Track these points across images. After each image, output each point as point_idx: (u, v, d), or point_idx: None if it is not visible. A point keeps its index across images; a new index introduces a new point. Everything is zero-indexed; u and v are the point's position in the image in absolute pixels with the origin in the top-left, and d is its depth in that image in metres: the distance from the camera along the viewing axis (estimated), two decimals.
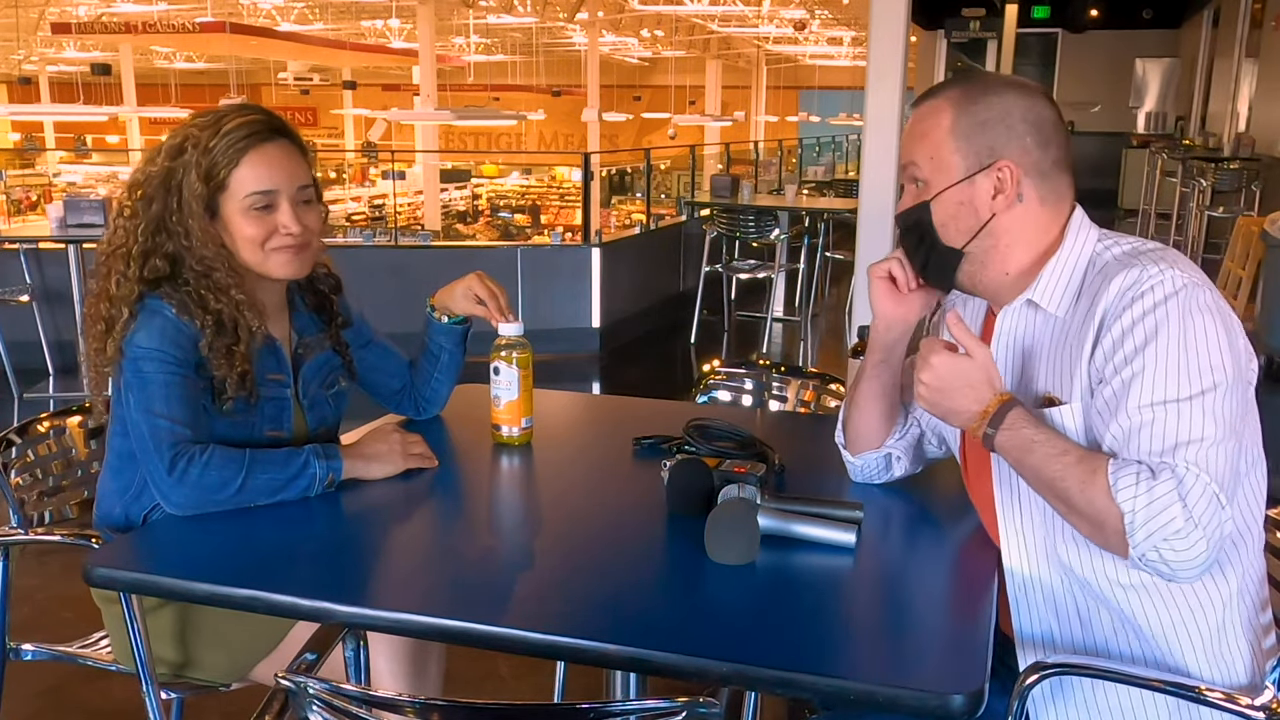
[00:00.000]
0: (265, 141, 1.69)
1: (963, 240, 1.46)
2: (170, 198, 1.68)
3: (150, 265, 1.68)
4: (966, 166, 1.44)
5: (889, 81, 5.32)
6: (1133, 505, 1.25)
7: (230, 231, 1.70)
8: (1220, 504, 1.25)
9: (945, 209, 1.46)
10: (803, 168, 12.48)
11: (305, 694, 1.13)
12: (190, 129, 1.69)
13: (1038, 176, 1.43)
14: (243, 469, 1.59)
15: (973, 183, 1.44)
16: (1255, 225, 6.78)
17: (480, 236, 12.83)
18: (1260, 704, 1.31)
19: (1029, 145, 1.42)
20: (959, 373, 1.40)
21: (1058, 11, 14.63)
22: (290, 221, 1.70)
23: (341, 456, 1.67)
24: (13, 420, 2.03)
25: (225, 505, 1.58)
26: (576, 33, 18.45)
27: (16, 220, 9.74)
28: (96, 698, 2.66)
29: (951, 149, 1.44)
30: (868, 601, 1.41)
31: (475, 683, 2.69)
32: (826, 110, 21.90)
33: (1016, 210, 1.44)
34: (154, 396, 1.62)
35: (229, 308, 1.68)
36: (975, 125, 1.43)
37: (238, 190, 1.68)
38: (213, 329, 1.66)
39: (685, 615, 1.32)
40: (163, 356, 1.63)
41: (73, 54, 18.93)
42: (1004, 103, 1.43)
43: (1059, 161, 1.44)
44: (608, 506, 1.70)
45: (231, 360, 1.67)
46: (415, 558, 1.55)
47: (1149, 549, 1.25)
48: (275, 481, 1.61)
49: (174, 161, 1.68)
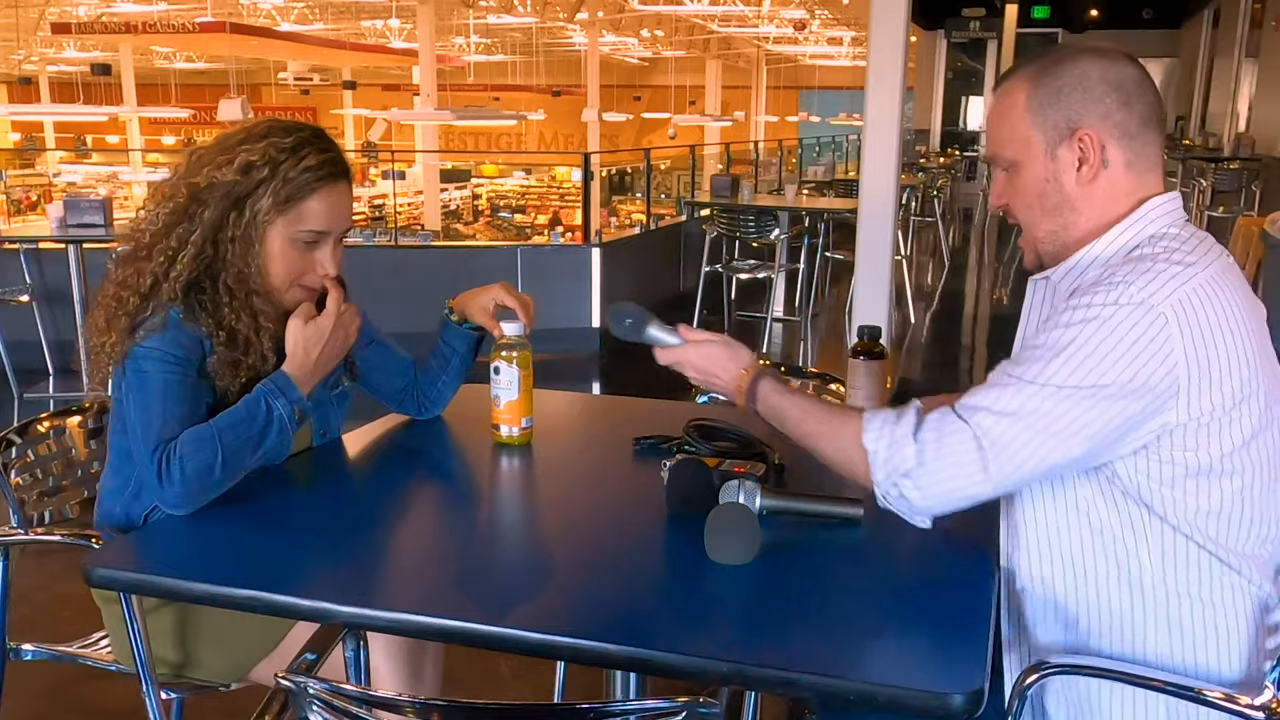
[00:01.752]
0: (337, 182, 1.71)
1: (1051, 221, 1.42)
2: (231, 211, 1.66)
3: (190, 271, 1.66)
4: (1046, 140, 1.39)
5: (889, 81, 5.32)
6: (875, 445, 1.35)
7: (269, 255, 1.69)
8: (978, 463, 1.29)
9: (1032, 190, 1.42)
10: (803, 168, 12.48)
11: (305, 694, 1.13)
12: (269, 147, 1.66)
13: (1124, 139, 1.37)
14: (215, 442, 1.57)
15: (1055, 157, 1.39)
16: (1255, 225, 6.78)
17: (480, 236, 12.83)
18: (1260, 704, 1.31)
19: (1110, 107, 1.36)
20: (707, 359, 1.57)
21: (1058, 11, 14.64)
22: (329, 264, 1.73)
23: (294, 383, 1.66)
24: (13, 420, 2.03)
25: (220, 487, 1.58)
26: (576, 33, 18.46)
27: (16, 220, 9.76)
28: (96, 698, 2.66)
29: (1029, 124, 1.40)
30: (868, 601, 1.40)
31: (475, 683, 2.69)
32: (826, 110, 21.92)
33: (1100, 178, 1.39)
34: (152, 395, 1.61)
35: (248, 330, 1.68)
36: (1051, 95, 1.38)
37: (297, 223, 1.68)
38: (224, 344, 1.66)
39: (685, 615, 1.32)
40: (164, 356, 1.62)
41: (73, 54, 18.94)
42: (1079, 68, 1.37)
43: (1146, 120, 1.38)
44: (608, 506, 1.70)
45: (236, 373, 1.67)
46: (415, 558, 1.55)
47: (889, 486, 1.35)
48: (249, 438, 1.61)
49: (245, 176, 1.65)
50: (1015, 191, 1.44)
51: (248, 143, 1.67)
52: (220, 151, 1.68)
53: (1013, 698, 1.35)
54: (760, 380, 1.51)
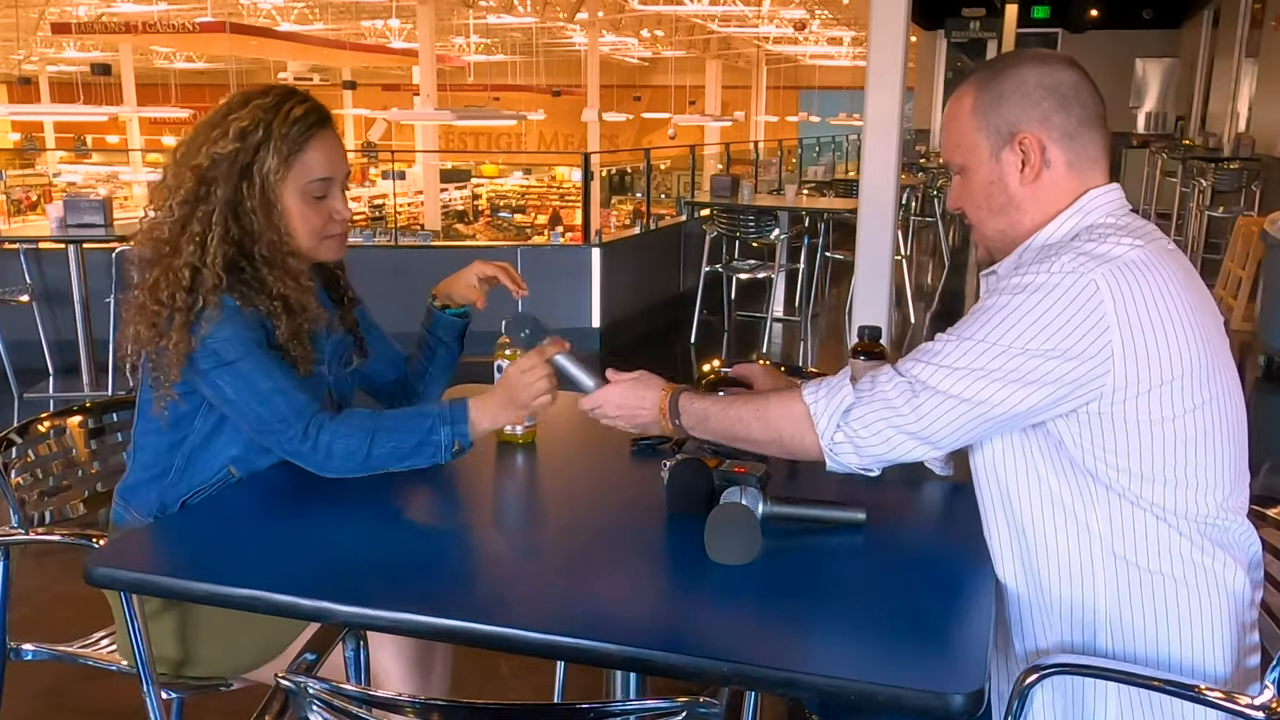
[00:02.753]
0: (325, 127, 1.73)
1: (999, 220, 1.48)
2: (242, 182, 1.67)
3: (223, 253, 1.65)
4: (990, 144, 1.45)
5: (889, 81, 5.32)
6: (814, 398, 1.42)
7: (291, 217, 1.71)
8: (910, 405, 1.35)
9: (980, 192, 1.48)
10: (803, 168, 12.47)
11: (305, 694, 1.13)
12: (256, 110, 1.67)
13: (1064, 140, 1.43)
14: (368, 438, 1.63)
15: (998, 160, 1.45)
16: (1255, 225, 6.78)
17: (480, 236, 12.82)
18: (1260, 704, 1.31)
19: (1048, 110, 1.42)
20: (625, 395, 1.60)
21: (1058, 11, 14.63)
22: (343, 207, 1.75)
23: (469, 420, 1.67)
24: (13, 420, 2.03)
25: (357, 472, 1.64)
26: (576, 33, 18.45)
27: (16, 220, 9.76)
28: (96, 698, 2.66)
29: (974, 129, 1.46)
30: (868, 602, 1.41)
31: (475, 683, 2.69)
32: (826, 110, 21.91)
33: (1044, 177, 1.44)
34: (254, 375, 1.63)
35: (296, 293, 1.69)
36: (993, 102, 1.44)
37: (305, 175, 1.69)
38: (283, 314, 1.67)
39: (685, 615, 1.32)
40: (243, 340, 1.63)
41: (73, 54, 18.94)
42: (1019, 74, 1.44)
43: (1085, 121, 1.44)
44: (608, 506, 1.70)
45: (303, 340, 1.69)
46: (415, 558, 1.55)
47: (834, 431, 1.40)
48: (400, 449, 1.64)
49: (243, 142, 1.66)
50: (967, 194, 1.51)
51: (233, 112, 1.68)
52: (211, 128, 1.68)
53: (1012, 697, 1.35)
54: (679, 394, 1.55)
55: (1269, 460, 4.00)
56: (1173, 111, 15.06)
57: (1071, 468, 1.37)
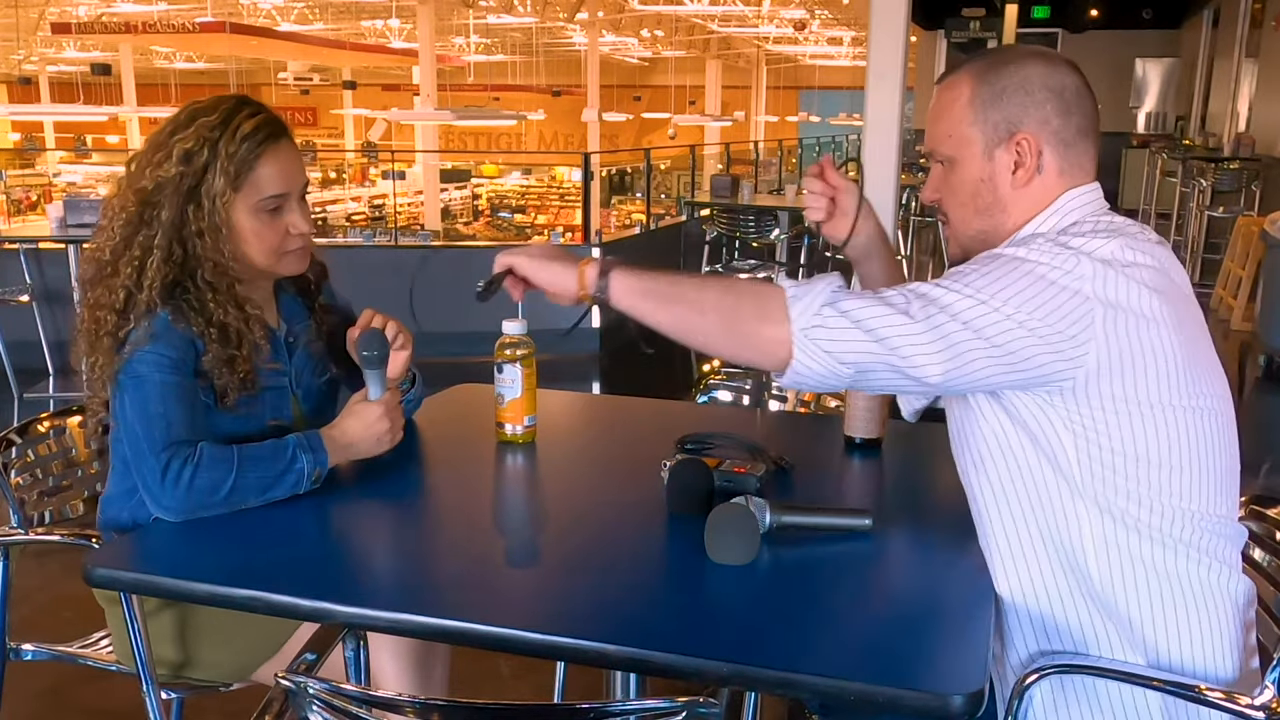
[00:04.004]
0: (278, 141, 1.67)
1: (982, 221, 1.44)
2: (186, 204, 1.63)
3: (163, 276, 1.63)
4: (985, 140, 1.41)
5: (889, 81, 5.32)
6: (795, 289, 1.30)
7: (243, 237, 1.67)
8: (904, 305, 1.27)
9: (966, 189, 1.44)
10: (803, 168, 12.48)
11: (305, 694, 1.13)
12: (200, 129, 1.63)
13: (1060, 145, 1.40)
14: (233, 469, 1.56)
15: (992, 158, 1.41)
16: (1255, 225, 6.78)
17: (480, 236, 12.82)
18: (1260, 703, 1.31)
19: (1050, 113, 1.39)
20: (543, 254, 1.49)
21: (1058, 11, 14.63)
22: (301, 222, 1.70)
23: (325, 448, 1.63)
24: (13, 420, 2.03)
25: (215, 509, 1.55)
26: (576, 33, 18.46)
27: (16, 220, 9.76)
28: (96, 698, 2.66)
29: (969, 122, 1.41)
30: (868, 602, 1.41)
31: (475, 683, 2.68)
32: (826, 110, 21.92)
33: (1034, 182, 1.41)
34: (150, 398, 1.59)
35: (237, 322, 1.65)
36: (993, 95, 1.40)
37: (254, 193, 1.65)
38: (217, 341, 1.63)
39: (685, 615, 1.32)
40: (158, 359, 1.60)
41: (73, 54, 18.95)
42: (1023, 71, 1.39)
43: (1083, 130, 1.40)
44: (608, 506, 1.70)
45: (233, 368, 1.65)
46: (415, 558, 1.55)
47: (811, 319, 1.27)
48: (265, 479, 1.58)
49: (188, 166, 1.62)
50: (950, 188, 1.46)
51: (178, 132, 1.64)
52: (155, 150, 1.65)
53: (1012, 697, 1.35)
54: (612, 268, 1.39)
55: (1269, 460, 3.99)
56: (1173, 111, 15.06)
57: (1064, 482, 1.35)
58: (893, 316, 1.28)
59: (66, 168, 15.51)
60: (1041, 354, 1.28)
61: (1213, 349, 1.39)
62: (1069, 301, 1.27)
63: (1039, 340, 1.27)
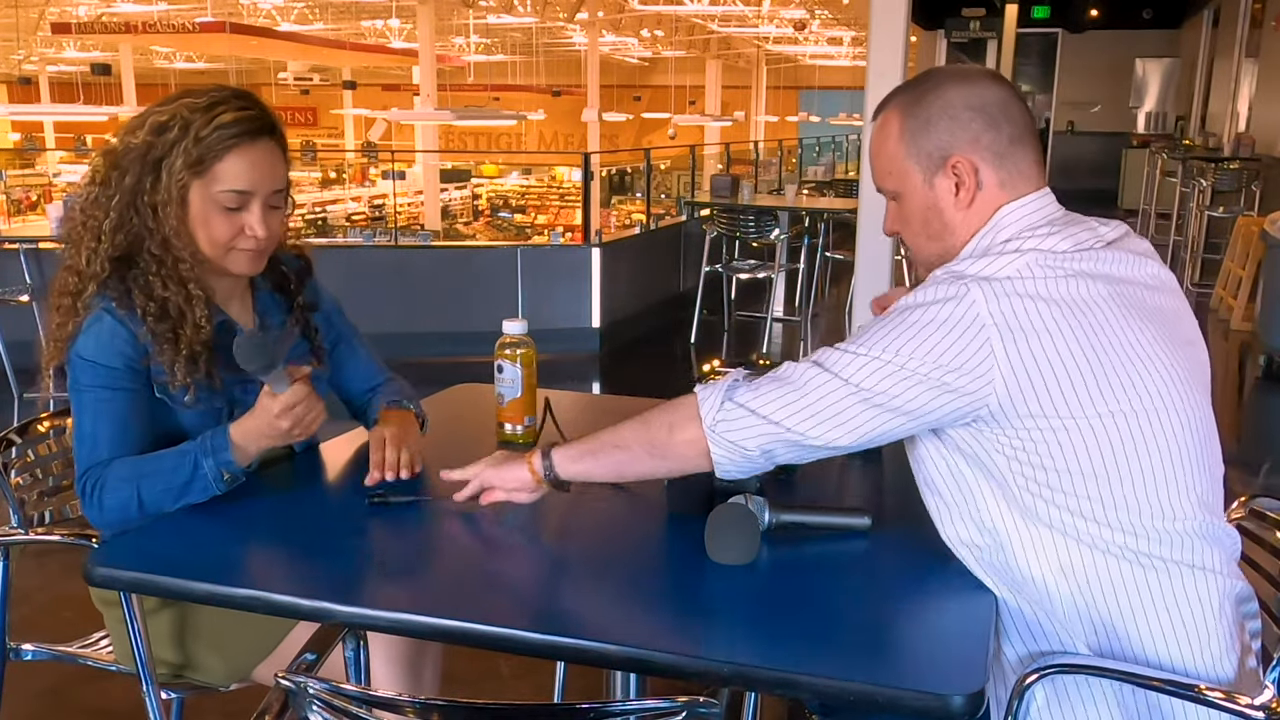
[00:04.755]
0: (255, 140, 1.65)
1: (936, 245, 1.46)
2: (147, 175, 1.63)
3: (116, 242, 1.64)
4: (922, 171, 1.43)
5: (889, 81, 5.32)
6: (705, 392, 1.39)
7: (194, 221, 1.65)
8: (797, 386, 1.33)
9: (917, 219, 1.47)
10: (803, 168, 12.47)
11: (305, 694, 1.13)
12: (180, 108, 1.63)
13: (995, 159, 1.41)
14: (134, 487, 1.58)
15: (933, 186, 1.44)
16: (1255, 225, 6.78)
17: (480, 236, 12.82)
18: (1260, 703, 1.31)
19: (978, 131, 1.40)
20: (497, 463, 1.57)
21: (1058, 11, 14.63)
22: (258, 226, 1.67)
23: (231, 445, 1.59)
24: (13, 420, 2.03)
25: (138, 523, 1.58)
26: (576, 33, 18.45)
27: (16, 220, 9.75)
28: (96, 698, 2.66)
29: (904, 156, 1.44)
30: (868, 602, 1.41)
31: (475, 683, 2.69)
32: (826, 110, 21.90)
33: (977, 200, 1.42)
34: (84, 412, 1.62)
35: (178, 299, 1.64)
36: (920, 126, 1.42)
37: (215, 183, 1.63)
38: (155, 316, 1.62)
39: (685, 615, 1.32)
40: (97, 371, 1.61)
41: (73, 54, 18.94)
42: (944, 96, 1.42)
43: (1015, 138, 1.41)
44: (608, 506, 1.70)
45: (176, 344, 1.63)
46: (415, 558, 1.55)
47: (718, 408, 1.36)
48: (170, 489, 1.58)
49: (158, 138, 1.62)
50: (903, 219, 1.49)
51: (161, 105, 1.66)
52: (135, 120, 1.67)
53: (1012, 697, 1.35)
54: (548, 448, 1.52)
55: (1269, 460, 3.99)
56: (1173, 111, 15.06)
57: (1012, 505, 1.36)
58: (788, 395, 1.34)
59: (66, 168, 15.49)
60: (944, 399, 1.31)
61: (1161, 344, 1.35)
62: (964, 335, 1.29)
63: (939, 388, 1.30)
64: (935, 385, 1.30)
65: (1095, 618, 1.36)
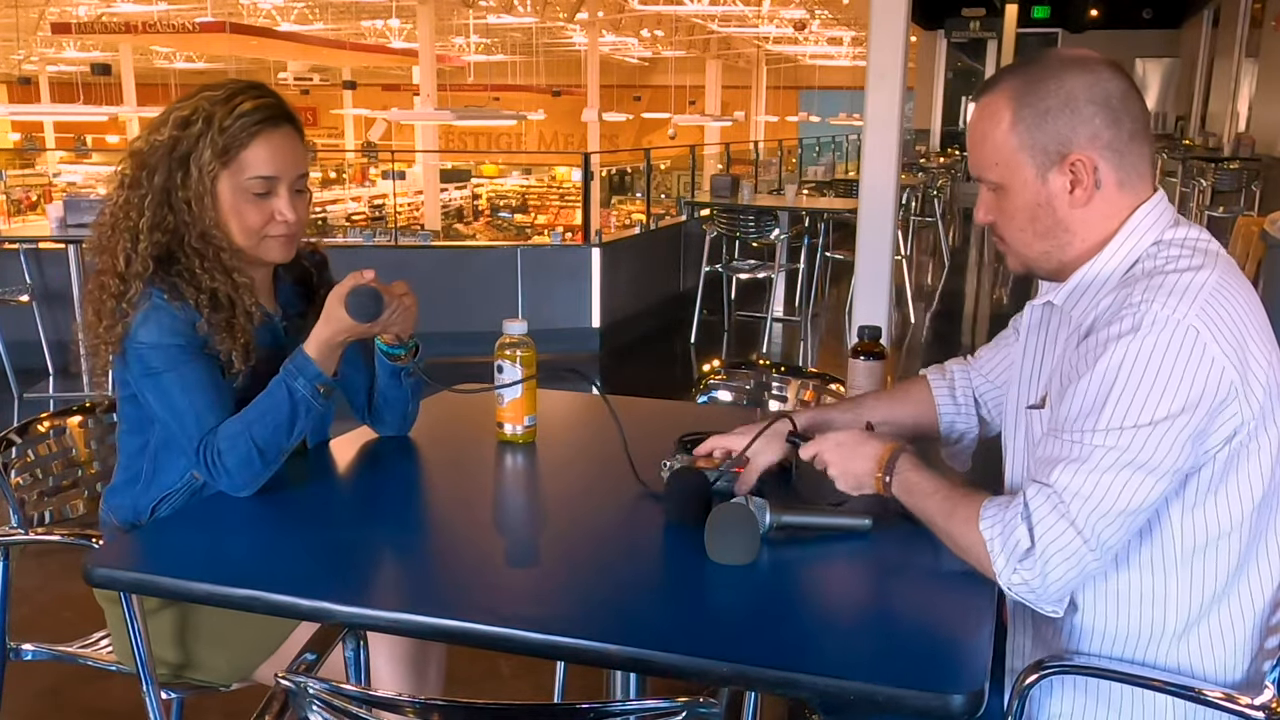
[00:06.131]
0: (277, 125, 1.69)
1: (1044, 243, 1.39)
2: (176, 170, 1.66)
3: (155, 240, 1.66)
4: (1036, 165, 1.34)
5: (889, 81, 5.33)
6: (991, 533, 1.29)
7: (225, 211, 1.68)
8: (1075, 531, 1.24)
9: (1023, 214, 1.38)
10: (803, 168, 12.47)
11: (305, 694, 1.13)
12: (201, 101, 1.66)
13: (1114, 157, 1.33)
14: (248, 435, 1.60)
15: (1046, 181, 1.34)
16: (1255, 225, 6.78)
17: (480, 236, 12.81)
18: (1260, 704, 1.31)
19: (1099, 127, 1.31)
20: (845, 440, 1.51)
21: (1058, 11, 14.64)
22: (288, 210, 1.71)
23: (311, 361, 1.64)
24: (13, 420, 2.03)
25: (271, 468, 1.62)
26: (576, 33, 18.45)
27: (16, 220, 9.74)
28: (96, 698, 2.66)
29: (1015, 148, 1.34)
30: (868, 602, 1.41)
31: (475, 682, 2.69)
32: (826, 110, 21.90)
33: (1095, 200, 1.34)
34: (171, 390, 1.63)
35: (226, 288, 1.67)
36: (1037, 118, 1.32)
37: (243, 171, 1.67)
38: (209, 306, 1.65)
39: (685, 615, 1.32)
40: (166, 349, 1.63)
41: (73, 54, 18.94)
42: (1065, 87, 1.32)
43: (1135, 134, 1.33)
44: (608, 506, 1.70)
45: (233, 333, 1.66)
46: (415, 558, 1.55)
47: (1010, 574, 1.28)
48: (280, 425, 1.62)
49: (182, 132, 1.65)
50: (1004, 213, 1.40)
51: (181, 101, 1.69)
52: (159, 117, 1.70)
53: (1012, 697, 1.35)
54: (904, 454, 1.45)
55: None
56: (1173, 111, 15.07)
57: None
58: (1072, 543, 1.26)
59: (66, 168, 15.49)
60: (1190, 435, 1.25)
61: None
62: (1200, 367, 1.23)
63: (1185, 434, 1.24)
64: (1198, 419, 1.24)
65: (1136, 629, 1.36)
